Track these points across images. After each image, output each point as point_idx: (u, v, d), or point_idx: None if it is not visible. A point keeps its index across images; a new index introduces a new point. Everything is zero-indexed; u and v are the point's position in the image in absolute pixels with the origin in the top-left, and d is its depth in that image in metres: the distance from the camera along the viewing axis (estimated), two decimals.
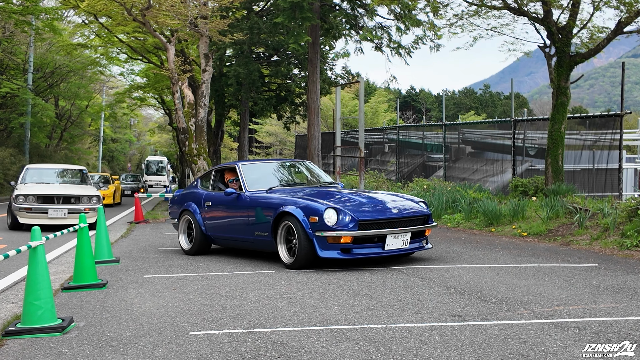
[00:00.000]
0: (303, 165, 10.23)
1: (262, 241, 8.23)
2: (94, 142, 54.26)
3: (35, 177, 14.76)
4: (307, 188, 8.90)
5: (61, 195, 13.49)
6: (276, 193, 8.44)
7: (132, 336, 4.74)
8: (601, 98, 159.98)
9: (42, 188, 13.86)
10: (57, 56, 33.35)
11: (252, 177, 8.95)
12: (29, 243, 4.93)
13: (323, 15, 20.55)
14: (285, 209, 7.71)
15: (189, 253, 9.42)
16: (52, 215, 13.22)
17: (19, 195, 13.18)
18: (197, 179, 10.13)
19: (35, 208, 13.17)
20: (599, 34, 13.81)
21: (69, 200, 13.50)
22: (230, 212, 8.79)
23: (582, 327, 4.70)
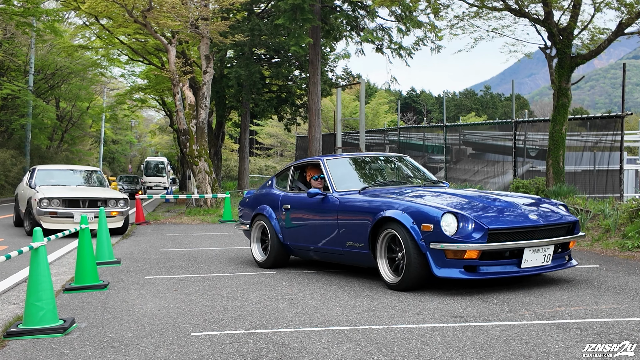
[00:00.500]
0: (401, 160, 8.51)
1: (356, 254, 6.78)
2: (94, 143, 54.31)
3: (47, 178, 13.89)
4: (410, 188, 7.41)
5: (87, 199, 12.50)
6: (372, 194, 6.98)
7: (133, 337, 4.74)
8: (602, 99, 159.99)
9: (65, 191, 12.85)
10: (58, 58, 33.37)
11: (340, 174, 7.54)
12: (31, 244, 4.93)
13: (324, 17, 20.57)
14: (388, 213, 6.23)
15: (264, 265, 8.11)
16: (78, 219, 12.07)
17: (43, 198, 12.06)
18: (272, 177, 8.84)
19: (61, 212, 12.11)
20: (600, 35, 13.82)
21: (96, 204, 12.48)
22: (314, 217, 7.41)
23: (584, 327, 4.70)
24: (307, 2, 17.77)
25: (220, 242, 11.24)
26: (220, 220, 15.42)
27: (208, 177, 17.92)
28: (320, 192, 7.28)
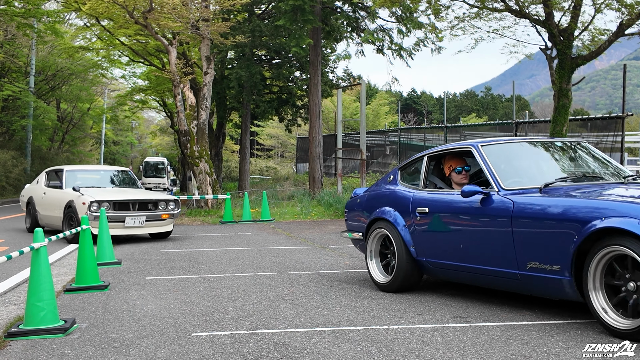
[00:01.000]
0: (580, 146, 6.15)
1: (544, 280, 4.77)
2: (95, 144, 54.34)
3: (79, 180, 12.69)
4: (611, 185, 5.24)
5: (137, 201, 11.55)
6: (563, 192, 4.95)
7: (134, 337, 4.74)
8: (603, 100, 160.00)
9: (114, 193, 11.87)
10: (58, 59, 33.40)
11: (505, 166, 5.56)
12: (32, 244, 4.94)
13: (324, 18, 20.59)
14: (613, 223, 4.21)
15: (388, 289, 6.26)
16: (129, 224, 11.24)
17: (93, 202, 10.96)
18: (394, 170, 6.83)
19: (112, 216, 10.94)
20: (601, 36, 13.82)
21: (146, 206, 11.61)
22: (469, 225, 5.45)
23: (584, 328, 4.70)
24: (308, 3, 17.78)
25: (221, 242, 11.25)
26: (221, 221, 15.43)
27: (209, 178, 17.93)
28: (480, 190, 5.29)
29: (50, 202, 12.57)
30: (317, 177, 20.57)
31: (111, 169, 14.36)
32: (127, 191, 12.52)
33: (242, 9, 20.66)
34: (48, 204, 12.67)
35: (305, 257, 9.03)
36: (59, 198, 12.14)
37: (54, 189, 12.80)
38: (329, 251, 9.65)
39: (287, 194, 21.60)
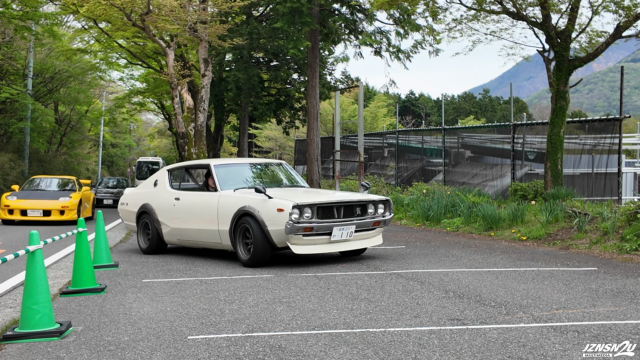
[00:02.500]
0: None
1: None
2: (93, 147, 54.26)
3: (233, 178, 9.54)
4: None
5: (342, 204, 8.44)
6: None
7: (130, 340, 4.72)
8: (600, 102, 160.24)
9: (303, 194, 8.89)
10: (56, 61, 33.36)
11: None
12: (27, 247, 4.92)
13: (322, 20, 20.59)
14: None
15: None
16: (336, 236, 8.19)
17: (296, 206, 7.98)
18: None
19: (317, 227, 8.04)
20: (598, 38, 13.83)
21: (353, 211, 8.53)
22: None
23: (581, 330, 4.69)
24: (306, 6, 17.77)
25: None
26: None
27: None
28: None
29: (196, 210, 9.30)
30: (315, 179, 20.55)
31: (263, 161, 10.65)
32: (315, 191, 9.81)
33: (239, 11, 20.65)
34: (189, 213, 9.41)
35: (302, 259, 9.01)
36: (220, 204, 8.81)
37: (195, 192, 9.77)
38: (326, 253, 9.63)
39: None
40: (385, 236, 11.92)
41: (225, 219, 8.68)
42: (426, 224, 13.79)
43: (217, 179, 9.27)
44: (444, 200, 14.14)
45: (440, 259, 8.81)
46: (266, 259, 8.31)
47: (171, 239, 9.85)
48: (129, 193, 11.12)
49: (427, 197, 15.03)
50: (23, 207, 16.20)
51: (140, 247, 10.35)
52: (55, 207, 16.39)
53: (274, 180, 9.97)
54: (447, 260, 8.67)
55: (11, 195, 16.66)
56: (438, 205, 13.96)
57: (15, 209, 16.18)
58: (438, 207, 13.90)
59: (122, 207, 11.02)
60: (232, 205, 8.62)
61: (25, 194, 17.01)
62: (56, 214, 16.34)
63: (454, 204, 13.86)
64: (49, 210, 16.32)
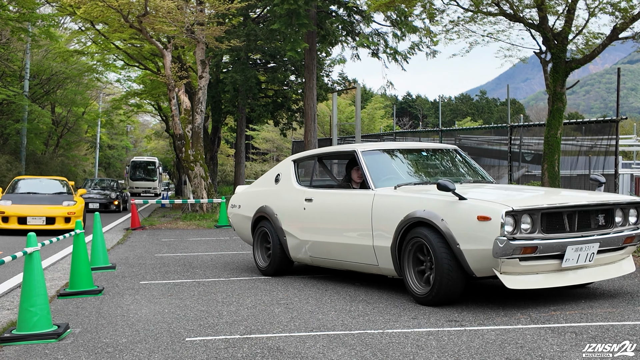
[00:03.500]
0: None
1: None
2: (90, 148, 54.20)
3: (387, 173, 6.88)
4: None
5: (579, 208, 5.66)
6: None
7: (128, 342, 4.72)
8: (597, 104, 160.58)
9: (530, 195, 6.38)
10: (53, 63, 33.33)
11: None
12: (25, 249, 4.91)
13: (319, 22, 20.60)
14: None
15: None
16: (570, 260, 5.55)
17: (511, 212, 5.31)
18: None
19: (544, 246, 5.41)
20: (595, 39, 13.86)
21: (592, 221, 5.76)
22: None
23: (579, 331, 4.70)
24: (303, 8, 17.78)
25: (216, 247, 11.22)
26: (216, 225, 15.40)
27: (204, 182, 17.90)
28: None
29: (336, 217, 6.90)
30: None
31: (432, 146, 7.81)
32: (523, 189, 7.35)
33: (237, 13, 20.65)
34: (327, 221, 7.03)
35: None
36: (376, 208, 6.32)
37: (333, 190, 7.31)
38: None
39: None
40: None
41: (385, 230, 6.12)
42: None
43: (368, 172, 6.62)
44: None
45: None
46: (455, 294, 5.65)
47: (300, 255, 7.34)
48: (241, 192, 8.70)
49: None
50: (22, 213, 13.85)
51: (257, 264, 7.95)
52: (60, 214, 14.09)
53: (448, 173, 7.23)
54: None
55: (4, 200, 14.18)
56: None
57: (11, 216, 13.80)
58: None
59: (233, 210, 8.61)
60: (396, 209, 6.02)
61: (21, 198, 14.53)
62: (61, 221, 14.05)
63: None
64: (52, 218, 14.01)
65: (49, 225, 13.95)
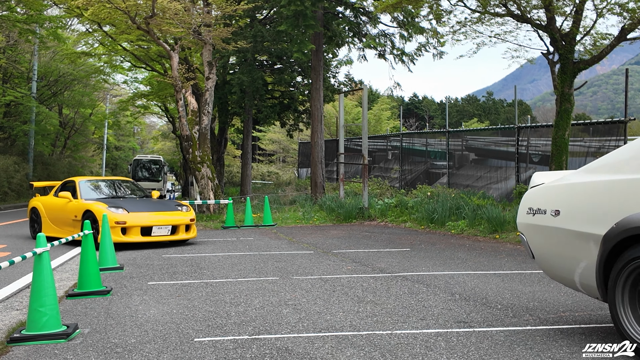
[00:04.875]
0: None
1: None
2: (97, 150, 54.38)
3: None
4: None
5: None
6: None
7: (136, 343, 4.73)
8: (604, 105, 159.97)
9: None
10: (61, 64, 33.47)
11: None
12: (34, 250, 4.93)
13: (326, 23, 20.61)
14: None
15: None
16: None
17: None
18: None
19: None
20: (602, 40, 13.82)
21: None
22: None
23: (589, 333, 4.68)
24: (310, 9, 17.79)
25: (223, 247, 11.23)
26: (223, 226, 15.41)
27: (211, 183, 17.93)
28: None
29: None
30: (319, 182, 20.56)
31: None
32: None
33: (243, 14, 20.69)
34: None
35: (307, 262, 9.01)
36: None
37: None
38: (332, 256, 9.63)
39: (289, 199, 21.59)
40: (389, 239, 11.92)
41: None
42: (430, 227, 13.78)
43: None
44: (448, 202, 14.13)
45: (445, 261, 8.80)
46: None
47: None
48: (556, 185, 4.84)
49: (431, 200, 15.02)
50: (145, 222, 11.23)
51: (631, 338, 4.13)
52: (183, 221, 11.69)
53: None
54: (453, 262, 8.66)
55: (115, 208, 11.34)
56: (442, 207, 13.95)
57: (133, 226, 11.11)
58: (442, 209, 13.89)
59: (537, 220, 4.87)
60: None
61: (132, 204, 11.72)
62: (183, 230, 11.71)
63: (458, 207, 13.84)
64: (176, 227, 11.59)
65: (173, 235, 11.54)
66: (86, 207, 11.49)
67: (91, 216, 11.22)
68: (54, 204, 12.79)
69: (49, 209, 12.89)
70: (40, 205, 13.19)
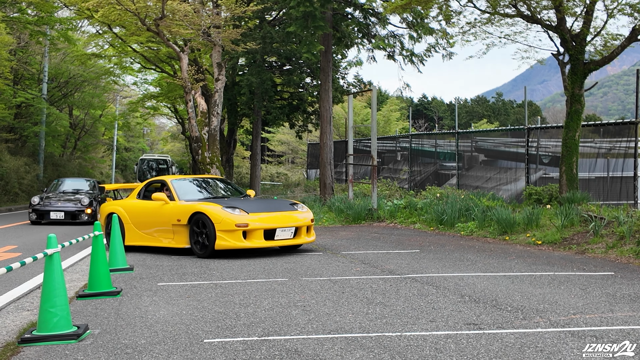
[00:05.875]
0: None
1: None
2: (107, 151, 54.61)
3: None
4: None
5: None
6: None
7: (146, 344, 4.74)
8: (615, 106, 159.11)
9: None
10: (71, 66, 33.66)
11: None
12: (45, 251, 4.95)
13: (335, 24, 20.61)
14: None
15: None
16: None
17: None
18: None
19: None
20: (613, 41, 13.75)
21: None
22: None
23: (599, 335, 4.65)
24: (319, 10, 17.80)
25: None
26: None
27: None
28: None
29: None
30: (328, 183, 20.56)
31: None
32: None
33: (253, 15, 20.73)
34: None
35: (316, 263, 9.01)
36: None
37: None
38: (341, 257, 9.62)
39: (298, 200, 21.61)
40: (399, 240, 11.90)
41: None
42: (440, 228, 13.74)
43: None
44: (457, 204, 14.09)
45: (454, 263, 8.77)
46: None
47: None
48: None
49: (440, 201, 14.98)
50: (269, 224, 9.79)
51: None
52: (304, 222, 10.28)
53: None
54: (462, 264, 8.63)
55: (231, 208, 9.84)
56: (452, 209, 13.91)
57: (255, 229, 9.65)
58: (452, 211, 13.85)
59: None
60: None
61: (245, 204, 10.13)
62: (304, 232, 10.30)
63: (467, 208, 13.80)
64: (298, 228, 10.17)
65: (295, 238, 10.13)
66: (194, 209, 9.92)
67: (200, 219, 9.79)
68: (141, 208, 11.01)
69: (136, 214, 11.03)
70: (122, 211, 11.23)
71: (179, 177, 11.74)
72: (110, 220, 11.32)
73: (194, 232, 9.97)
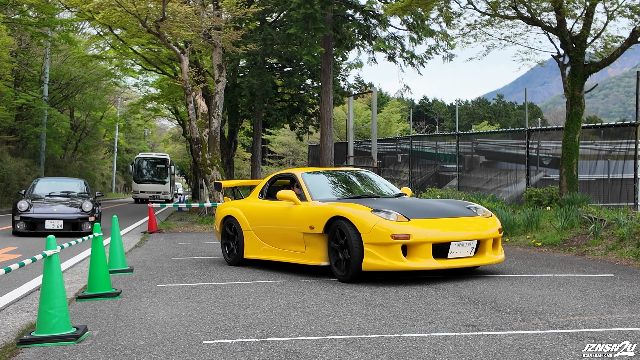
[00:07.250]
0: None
1: None
2: (108, 152, 54.68)
3: None
4: None
5: None
6: None
7: (145, 345, 4.74)
8: (616, 108, 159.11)
9: None
10: (72, 68, 33.72)
11: None
12: (44, 252, 4.96)
13: (336, 26, 20.63)
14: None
15: None
16: None
17: None
18: None
19: None
20: (613, 43, 13.76)
21: None
22: None
23: (598, 337, 4.65)
24: (319, 12, 17.83)
25: None
26: None
27: None
28: None
29: None
30: None
31: None
32: None
33: (253, 17, 20.76)
34: None
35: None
36: None
37: None
38: None
39: None
40: None
41: None
42: None
43: None
44: None
45: None
46: None
47: None
48: None
49: None
50: (439, 237, 7.30)
51: None
52: (489, 234, 7.80)
53: None
54: None
55: (385, 213, 7.32)
56: None
57: (419, 243, 7.13)
58: None
59: None
60: None
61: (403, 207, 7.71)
62: (489, 248, 7.83)
63: None
64: (480, 242, 7.71)
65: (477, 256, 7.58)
66: (332, 212, 7.53)
67: (339, 226, 7.42)
68: (263, 210, 8.93)
69: (256, 218, 8.98)
70: (240, 213, 9.24)
71: (312, 169, 9.27)
72: (229, 225, 9.37)
73: (333, 245, 7.53)
